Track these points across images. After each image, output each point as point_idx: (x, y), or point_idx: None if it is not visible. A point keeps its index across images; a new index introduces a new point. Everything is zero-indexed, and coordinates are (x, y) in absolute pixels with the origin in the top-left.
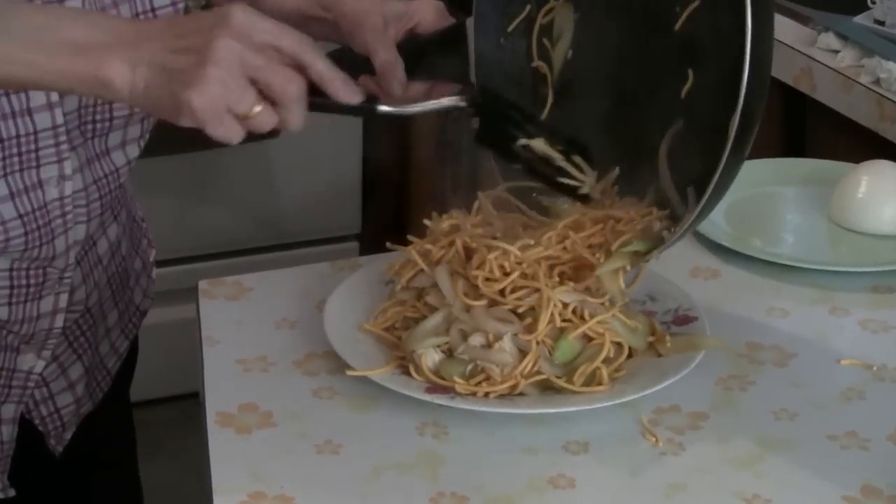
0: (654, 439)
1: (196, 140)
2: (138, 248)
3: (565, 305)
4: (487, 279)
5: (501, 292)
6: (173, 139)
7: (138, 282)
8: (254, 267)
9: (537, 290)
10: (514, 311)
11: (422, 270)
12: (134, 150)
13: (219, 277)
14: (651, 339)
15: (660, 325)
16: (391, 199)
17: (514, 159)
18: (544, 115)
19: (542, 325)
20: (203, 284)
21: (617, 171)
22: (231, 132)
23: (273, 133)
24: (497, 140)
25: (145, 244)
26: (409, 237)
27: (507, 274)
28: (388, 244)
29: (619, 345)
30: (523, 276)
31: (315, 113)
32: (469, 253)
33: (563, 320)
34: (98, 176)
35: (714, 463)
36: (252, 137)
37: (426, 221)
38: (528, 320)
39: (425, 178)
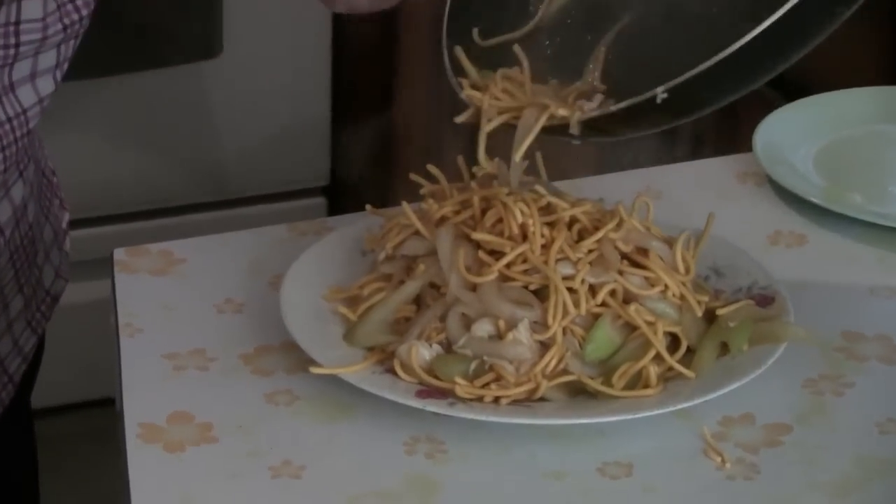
0: (719, 459)
1: (115, 60)
2: (49, 213)
3: (593, 289)
4: (492, 251)
5: (508, 265)
6: (85, 58)
7: (48, 258)
8: (187, 230)
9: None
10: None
11: (415, 232)
12: (47, 85)
13: (141, 244)
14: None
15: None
16: (370, 141)
17: None
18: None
19: (554, 321)
20: (119, 254)
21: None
22: None
23: None
24: None
25: (57, 206)
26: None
27: (525, 238)
28: (368, 207)
29: (673, 336)
30: (544, 247)
31: (265, 26)
32: (486, 213)
33: (599, 305)
34: (0, 120)
35: (798, 490)
36: None
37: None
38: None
39: (416, 113)
